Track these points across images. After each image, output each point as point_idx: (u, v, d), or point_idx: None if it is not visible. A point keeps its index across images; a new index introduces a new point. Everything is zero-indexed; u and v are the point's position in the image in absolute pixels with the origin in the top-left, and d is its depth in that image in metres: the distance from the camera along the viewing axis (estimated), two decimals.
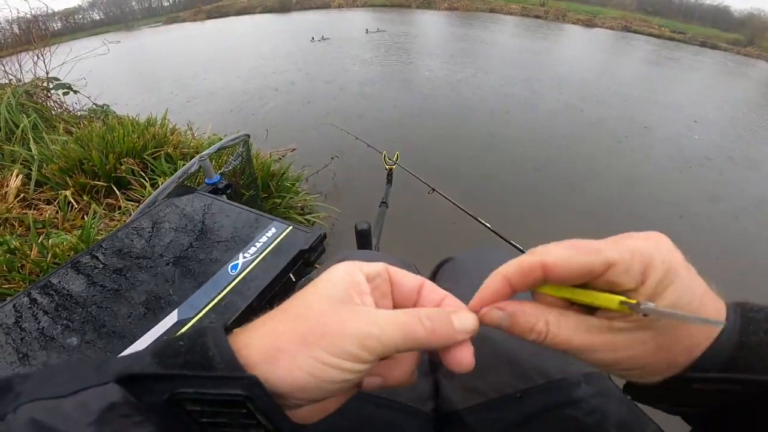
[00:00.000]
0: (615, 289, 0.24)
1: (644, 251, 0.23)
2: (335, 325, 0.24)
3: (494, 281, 0.27)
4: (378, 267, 0.29)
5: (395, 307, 0.30)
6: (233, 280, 0.85)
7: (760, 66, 10.62)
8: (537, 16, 15.37)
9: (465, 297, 0.49)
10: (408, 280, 0.30)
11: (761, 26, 16.33)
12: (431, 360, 0.51)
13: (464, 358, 0.27)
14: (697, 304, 0.23)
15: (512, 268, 0.26)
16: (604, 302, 0.24)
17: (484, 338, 0.44)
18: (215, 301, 0.80)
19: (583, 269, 0.24)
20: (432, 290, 0.30)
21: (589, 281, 0.24)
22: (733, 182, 3.50)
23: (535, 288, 0.27)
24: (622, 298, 0.23)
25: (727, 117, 5.34)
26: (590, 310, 0.26)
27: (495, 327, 0.27)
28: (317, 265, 0.97)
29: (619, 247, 0.24)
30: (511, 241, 1.27)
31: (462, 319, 0.27)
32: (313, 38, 9.61)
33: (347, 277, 0.27)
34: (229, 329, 0.26)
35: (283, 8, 19.20)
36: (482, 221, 1.44)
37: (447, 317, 0.26)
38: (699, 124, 4.87)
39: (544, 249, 0.25)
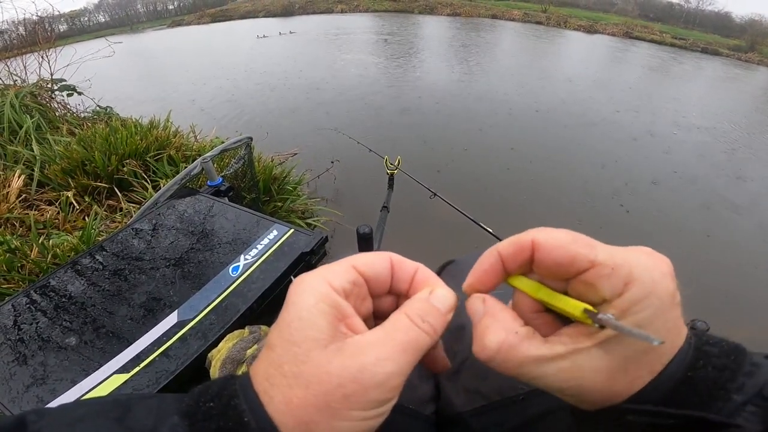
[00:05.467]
0: (591, 296, 0.23)
1: (636, 264, 0.23)
2: (351, 382, 0.21)
3: (488, 257, 0.26)
4: (349, 275, 0.25)
5: (381, 300, 0.28)
6: (234, 281, 0.84)
7: None
8: (539, 22, 15.45)
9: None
10: (378, 268, 0.27)
11: (762, 32, 16.37)
12: None
13: (444, 360, 0.29)
14: (663, 335, 0.22)
15: (506, 243, 0.26)
16: (570, 307, 0.23)
17: None
18: (216, 302, 0.80)
19: (568, 256, 0.23)
20: (401, 266, 0.28)
21: (567, 277, 0.24)
22: None
23: (520, 272, 0.26)
24: (587, 306, 0.22)
25: None
26: (563, 322, 0.25)
27: (470, 315, 0.26)
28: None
29: (613, 252, 0.23)
30: None
31: (441, 299, 0.26)
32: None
33: (322, 305, 0.23)
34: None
35: (286, 12, 19.34)
36: (484, 226, 1.44)
37: (435, 308, 0.25)
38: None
39: (540, 229, 0.25)
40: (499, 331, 0.24)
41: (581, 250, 0.23)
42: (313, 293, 0.23)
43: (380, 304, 0.28)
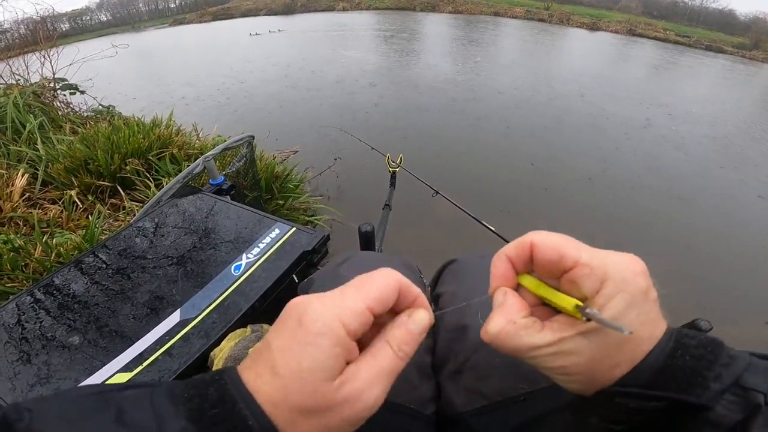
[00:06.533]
0: (575, 293, 0.27)
1: (611, 265, 0.26)
2: (348, 408, 0.25)
3: (501, 262, 0.31)
4: (363, 318, 0.26)
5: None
6: (236, 280, 0.85)
7: None
8: (541, 20, 15.35)
9: (469, 297, 0.48)
10: (388, 303, 0.28)
11: (766, 30, 16.23)
12: (433, 363, 0.50)
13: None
14: (636, 327, 0.25)
15: (511, 246, 0.30)
16: (564, 302, 0.27)
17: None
18: (218, 301, 0.80)
19: (557, 254, 0.27)
20: (406, 294, 0.29)
21: (558, 274, 0.28)
22: None
23: (525, 270, 0.31)
24: (578, 302, 0.26)
25: None
26: (557, 312, 0.29)
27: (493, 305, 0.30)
28: (320, 267, 0.97)
29: (595, 254, 0.27)
30: None
31: (417, 323, 0.29)
32: None
33: (337, 350, 0.25)
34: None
35: (288, 10, 19.29)
36: (486, 224, 1.44)
37: (411, 334, 0.28)
38: None
39: (537, 231, 0.29)
40: (501, 320, 0.28)
41: (568, 252, 0.27)
42: (330, 336, 0.25)
43: None
